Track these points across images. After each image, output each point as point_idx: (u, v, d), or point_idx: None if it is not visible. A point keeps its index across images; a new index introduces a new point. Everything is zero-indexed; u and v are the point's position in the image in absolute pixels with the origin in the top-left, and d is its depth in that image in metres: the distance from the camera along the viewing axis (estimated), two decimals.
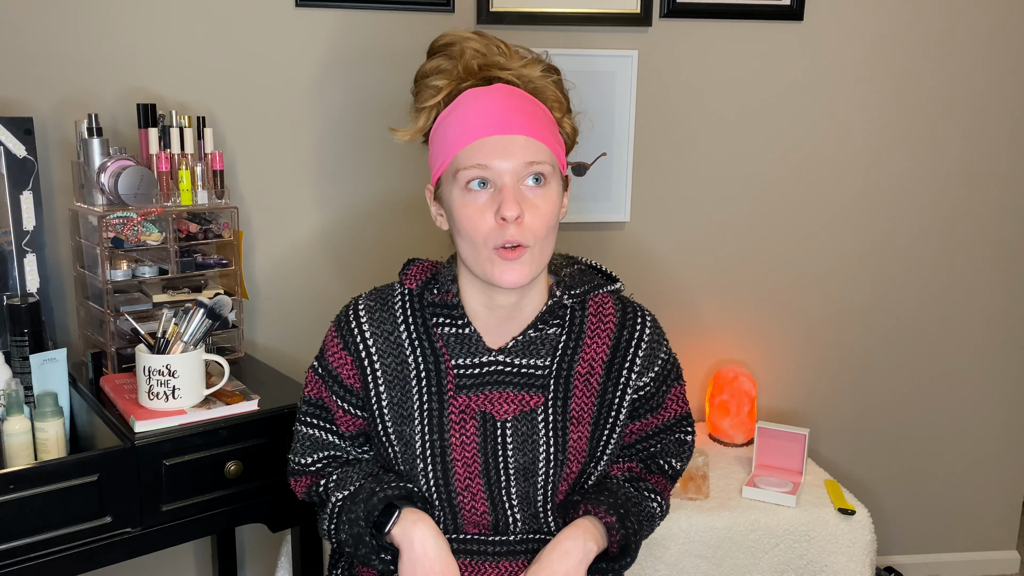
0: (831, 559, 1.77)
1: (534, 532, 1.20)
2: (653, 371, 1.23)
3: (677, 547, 1.75)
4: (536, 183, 1.08)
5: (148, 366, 1.40)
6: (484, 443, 1.16)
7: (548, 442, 1.16)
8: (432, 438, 1.16)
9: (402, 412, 1.17)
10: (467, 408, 1.16)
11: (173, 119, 1.66)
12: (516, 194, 1.07)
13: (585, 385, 1.19)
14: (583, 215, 2.02)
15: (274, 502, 1.48)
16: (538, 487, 1.17)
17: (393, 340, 1.18)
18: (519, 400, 1.16)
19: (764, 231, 2.14)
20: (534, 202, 1.08)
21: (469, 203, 1.08)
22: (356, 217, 1.94)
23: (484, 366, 1.17)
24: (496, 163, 1.07)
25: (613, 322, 1.21)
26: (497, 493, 1.17)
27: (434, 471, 1.16)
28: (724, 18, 2.00)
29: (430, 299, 1.18)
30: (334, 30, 1.85)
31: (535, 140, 1.08)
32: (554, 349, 1.18)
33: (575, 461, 1.18)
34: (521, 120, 1.08)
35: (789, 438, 1.92)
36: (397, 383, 1.18)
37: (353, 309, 1.21)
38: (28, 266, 1.62)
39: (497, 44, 1.15)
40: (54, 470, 1.26)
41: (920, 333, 2.26)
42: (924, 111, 2.13)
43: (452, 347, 1.17)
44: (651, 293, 2.10)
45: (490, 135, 1.07)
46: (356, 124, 1.90)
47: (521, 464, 1.16)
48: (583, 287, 1.21)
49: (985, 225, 2.22)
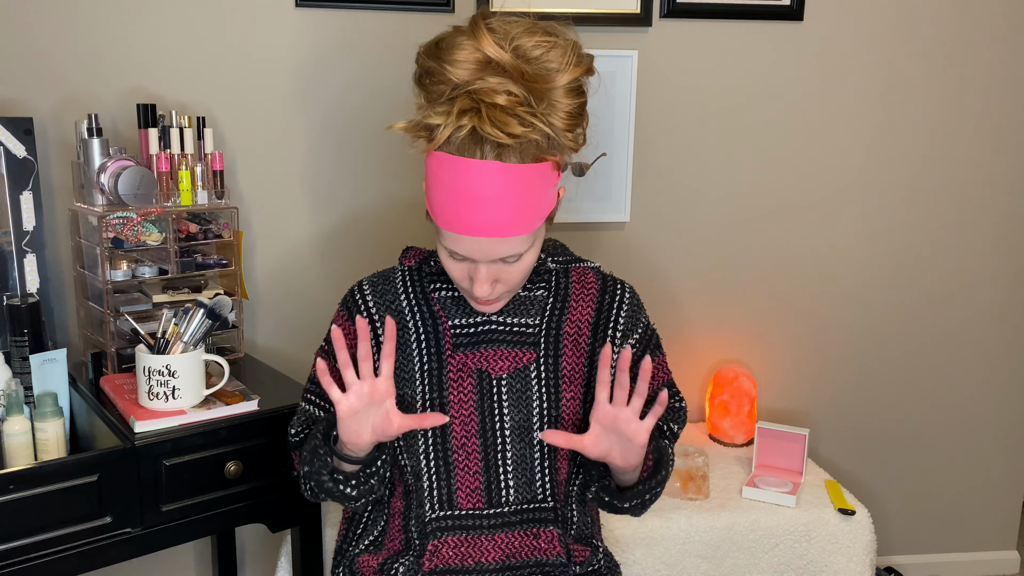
0: (831, 559, 1.77)
1: (528, 502, 1.22)
2: (636, 334, 1.28)
3: (677, 547, 1.75)
4: (510, 263, 1.14)
5: (148, 366, 1.40)
6: (481, 401, 1.21)
7: (542, 398, 1.22)
8: (432, 396, 1.22)
9: (403, 376, 1.23)
10: (464, 366, 1.22)
11: (173, 119, 1.66)
12: (490, 273, 1.13)
13: (574, 344, 1.25)
14: (583, 215, 2.02)
15: (274, 502, 1.48)
16: (534, 446, 1.21)
17: (395, 309, 1.26)
18: (512, 357, 1.23)
19: (764, 231, 2.14)
20: (508, 271, 1.15)
21: (448, 258, 1.16)
22: (356, 217, 1.94)
23: (478, 325, 1.23)
24: (471, 255, 1.12)
25: (595, 288, 1.29)
26: (492, 456, 1.21)
27: (433, 429, 1.21)
28: (724, 18, 2.00)
29: (427, 270, 1.28)
30: (334, 30, 1.85)
31: (513, 237, 1.10)
32: (542, 309, 1.25)
33: (569, 422, 1.23)
34: (505, 217, 1.07)
35: (789, 438, 1.92)
36: (399, 348, 1.24)
37: (358, 286, 1.29)
38: (28, 266, 1.62)
39: (523, 68, 1.07)
40: (54, 470, 1.26)
41: (920, 333, 2.26)
42: (924, 111, 2.13)
43: (449, 309, 1.24)
44: (651, 293, 2.10)
45: (470, 235, 1.09)
46: (356, 124, 1.90)
47: (516, 422, 1.21)
48: (566, 256, 1.30)
49: (986, 225, 2.22)
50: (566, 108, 1.09)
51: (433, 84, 1.12)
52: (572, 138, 1.12)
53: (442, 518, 1.21)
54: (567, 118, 1.10)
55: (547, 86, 1.08)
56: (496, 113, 1.04)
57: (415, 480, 1.22)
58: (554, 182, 1.14)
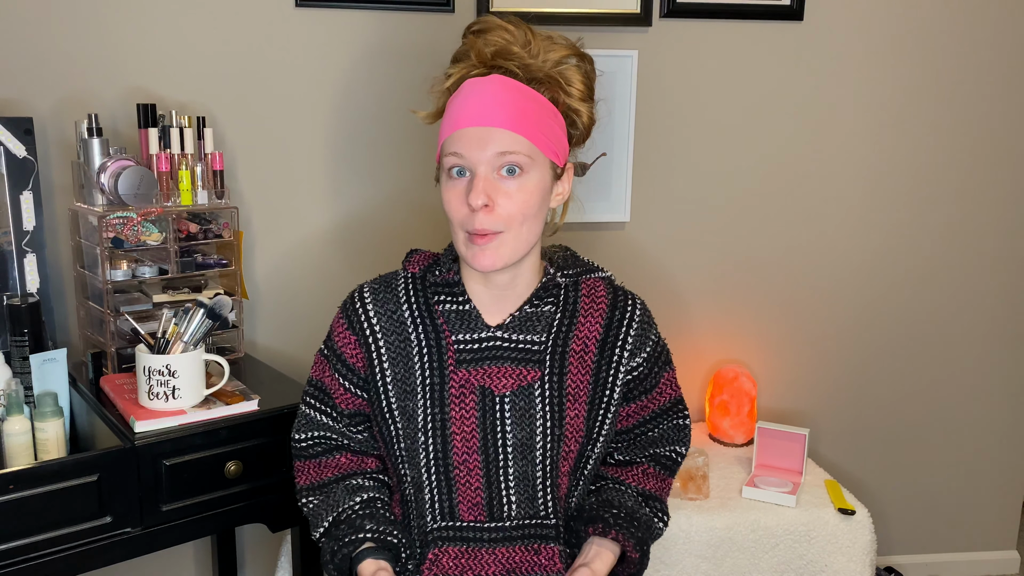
0: (831, 559, 1.77)
1: (530, 517, 1.21)
2: (645, 352, 1.26)
3: (677, 547, 1.75)
4: (510, 174, 1.12)
5: (148, 366, 1.40)
6: (483, 418, 1.19)
7: (545, 417, 1.20)
8: (433, 412, 1.19)
9: (405, 388, 1.21)
10: (467, 383, 1.20)
11: (173, 119, 1.66)
12: (487, 184, 1.11)
13: (580, 362, 1.23)
14: (583, 215, 2.02)
15: (274, 502, 1.48)
16: (536, 464, 1.19)
17: (396, 319, 1.23)
18: (516, 375, 1.20)
19: (764, 231, 2.14)
20: (507, 191, 1.12)
21: (450, 188, 1.14)
22: (356, 217, 1.94)
23: (483, 341, 1.20)
24: (470, 153, 1.11)
25: (605, 303, 1.26)
26: (494, 472, 1.19)
27: (434, 445, 1.19)
28: (724, 18, 2.00)
29: (432, 280, 1.23)
30: (334, 30, 1.85)
31: (512, 132, 1.11)
32: (549, 325, 1.22)
33: (572, 439, 1.21)
34: (504, 112, 1.11)
35: (789, 438, 1.92)
36: (400, 360, 1.22)
37: (359, 293, 1.26)
38: (28, 266, 1.62)
39: (526, 31, 1.18)
40: (54, 470, 1.26)
41: (920, 333, 2.26)
42: (924, 110, 2.13)
43: (452, 323, 1.21)
44: (651, 293, 2.10)
45: (470, 126, 1.11)
46: (356, 124, 1.90)
47: (519, 440, 1.19)
48: (576, 269, 1.26)
49: (985, 225, 2.22)
50: (564, 54, 1.18)
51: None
52: (574, 85, 1.17)
53: (443, 528, 1.20)
54: (562, 58, 1.17)
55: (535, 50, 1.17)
56: (509, 44, 1.16)
57: (415, 491, 1.21)
58: (559, 126, 1.16)
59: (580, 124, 1.20)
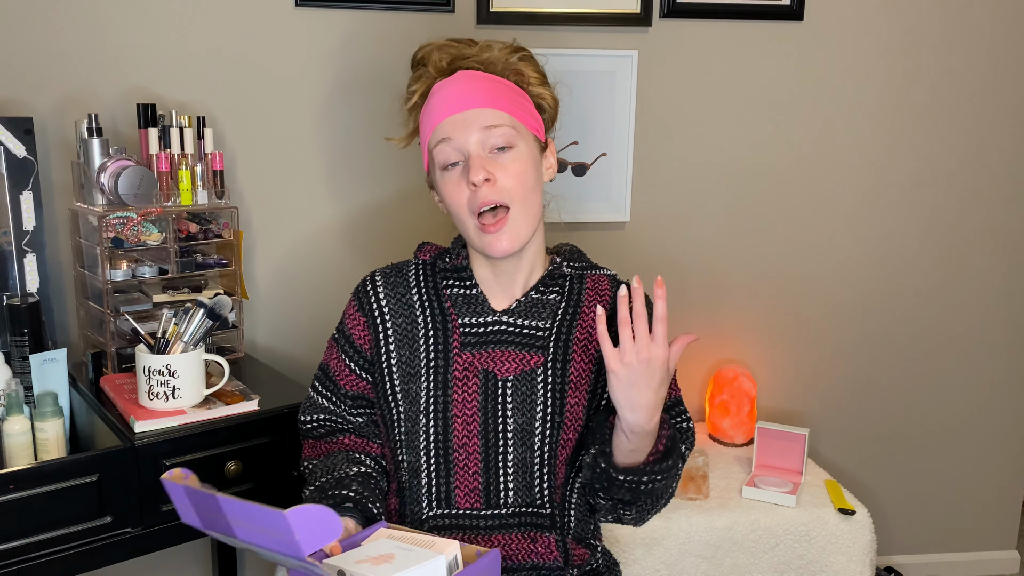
0: (831, 559, 1.77)
1: (526, 505, 1.22)
2: None
3: (677, 547, 1.75)
4: (501, 150, 1.17)
5: (148, 366, 1.40)
6: (485, 401, 1.21)
7: (546, 403, 1.22)
8: (436, 394, 1.22)
9: (410, 370, 1.24)
10: (470, 365, 1.22)
11: (173, 119, 1.66)
12: (482, 160, 1.16)
13: (583, 351, 1.25)
14: (583, 215, 2.02)
15: (274, 502, 1.48)
16: (534, 450, 1.21)
17: (405, 302, 1.27)
18: (520, 359, 1.22)
19: (764, 231, 2.14)
20: (502, 164, 1.17)
21: (448, 180, 1.19)
22: (356, 217, 1.94)
23: (488, 325, 1.24)
24: (458, 135, 1.16)
25: (608, 297, 1.29)
26: (493, 457, 1.21)
27: (435, 427, 1.21)
28: (724, 18, 2.00)
29: (442, 266, 1.28)
30: (334, 30, 1.85)
31: (490, 109, 1.17)
32: (554, 313, 1.25)
33: (571, 428, 1.22)
34: (477, 96, 1.18)
35: (789, 438, 1.92)
36: (407, 342, 1.25)
37: (371, 276, 1.31)
38: (28, 266, 1.62)
39: (468, 41, 1.26)
40: (54, 470, 1.26)
41: (920, 333, 2.26)
42: (924, 111, 2.13)
43: (459, 306, 1.25)
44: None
45: (451, 114, 1.17)
46: (356, 124, 1.90)
47: (519, 425, 1.21)
48: (582, 263, 1.31)
49: (985, 225, 2.22)
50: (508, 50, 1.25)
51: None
52: (527, 73, 1.24)
53: (439, 516, 1.21)
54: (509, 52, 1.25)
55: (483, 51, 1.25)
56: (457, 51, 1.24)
57: (411, 478, 1.22)
58: (531, 105, 1.23)
59: (547, 106, 1.27)
